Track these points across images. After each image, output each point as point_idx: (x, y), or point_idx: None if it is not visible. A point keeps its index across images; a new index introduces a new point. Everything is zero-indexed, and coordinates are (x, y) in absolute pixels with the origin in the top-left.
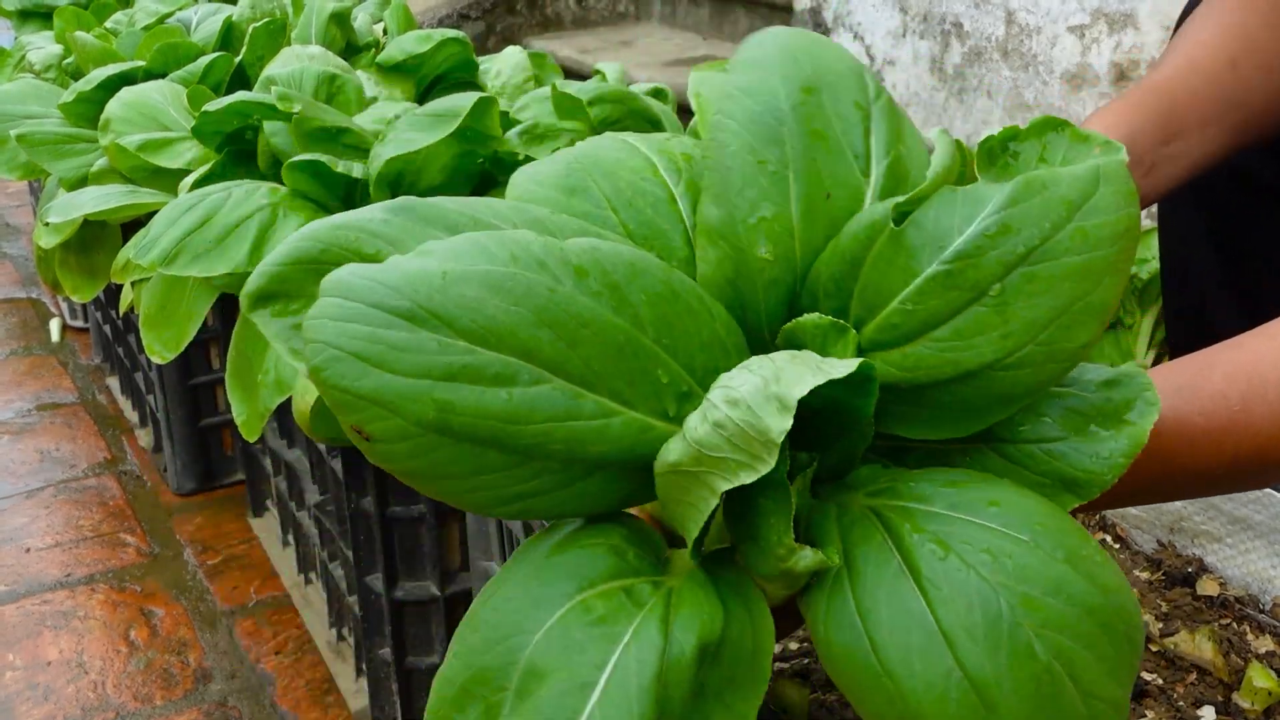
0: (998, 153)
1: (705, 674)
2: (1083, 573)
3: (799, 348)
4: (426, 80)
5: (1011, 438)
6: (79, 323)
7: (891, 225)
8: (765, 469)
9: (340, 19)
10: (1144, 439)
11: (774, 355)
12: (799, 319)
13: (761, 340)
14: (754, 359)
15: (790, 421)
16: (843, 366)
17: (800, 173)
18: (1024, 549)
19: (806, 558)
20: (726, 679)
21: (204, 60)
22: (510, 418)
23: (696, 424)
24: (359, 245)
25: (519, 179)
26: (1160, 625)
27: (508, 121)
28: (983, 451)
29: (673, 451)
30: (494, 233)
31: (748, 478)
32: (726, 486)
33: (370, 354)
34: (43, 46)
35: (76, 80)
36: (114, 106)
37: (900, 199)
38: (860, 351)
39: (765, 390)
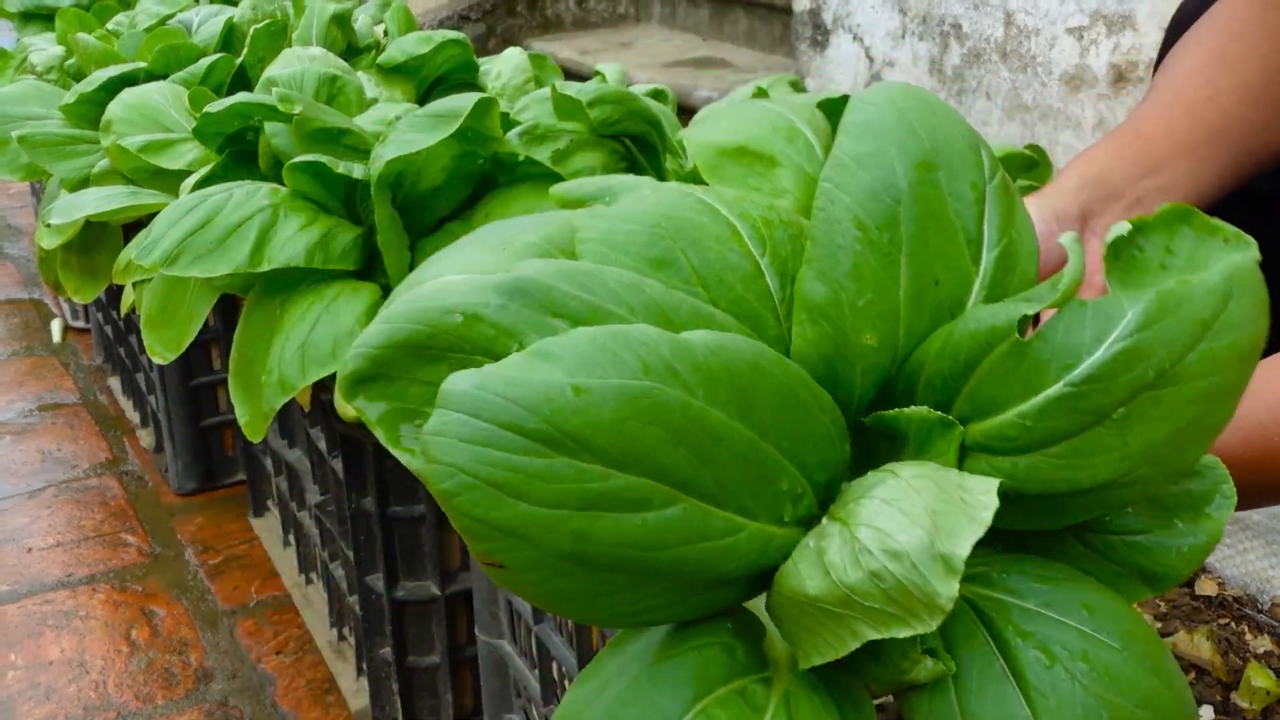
0: (1123, 247)
1: None
2: (1166, 684)
3: (897, 434)
4: (427, 82)
5: (1096, 528)
6: (80, 323)
7: (1016, 337)
8: (925, 630)
9: (341, 20)
10: (1220, 534)
11: (912, 480)
12: (904, 410)
13: (848, 418)
14: (895, 486)
15: (958, 586)
16: (987, 505)
17: (912, 256)
18: (1117, 658)
19: (928, 669)
20: None
21: (205, 61)
22: (646, 544)
23: (844, 564)
24: (471, 334)
25: (592, 241)
26: (1159, 625)
27: (508, 122)
28: (1064, 537)
29: (810, 584)
30: (618, 331)
31: (901, 633)
32: (874, 636)
33: (507, 483)
34: (45, 48)
35: (78, 82)
36: (115, 108)
37: (1026, 309)
38: (963, 449)
39: (931, 549)
